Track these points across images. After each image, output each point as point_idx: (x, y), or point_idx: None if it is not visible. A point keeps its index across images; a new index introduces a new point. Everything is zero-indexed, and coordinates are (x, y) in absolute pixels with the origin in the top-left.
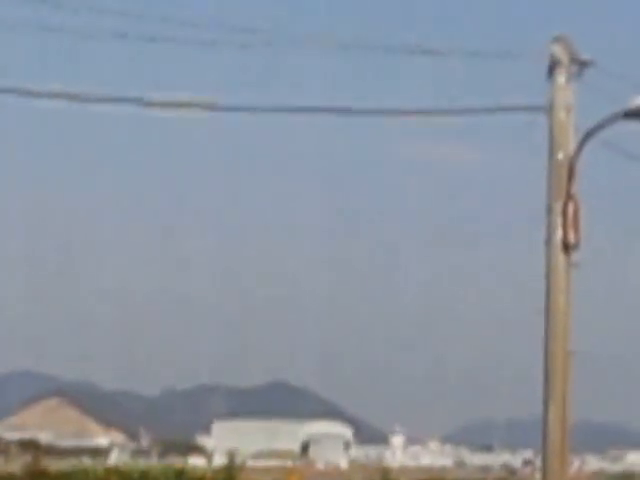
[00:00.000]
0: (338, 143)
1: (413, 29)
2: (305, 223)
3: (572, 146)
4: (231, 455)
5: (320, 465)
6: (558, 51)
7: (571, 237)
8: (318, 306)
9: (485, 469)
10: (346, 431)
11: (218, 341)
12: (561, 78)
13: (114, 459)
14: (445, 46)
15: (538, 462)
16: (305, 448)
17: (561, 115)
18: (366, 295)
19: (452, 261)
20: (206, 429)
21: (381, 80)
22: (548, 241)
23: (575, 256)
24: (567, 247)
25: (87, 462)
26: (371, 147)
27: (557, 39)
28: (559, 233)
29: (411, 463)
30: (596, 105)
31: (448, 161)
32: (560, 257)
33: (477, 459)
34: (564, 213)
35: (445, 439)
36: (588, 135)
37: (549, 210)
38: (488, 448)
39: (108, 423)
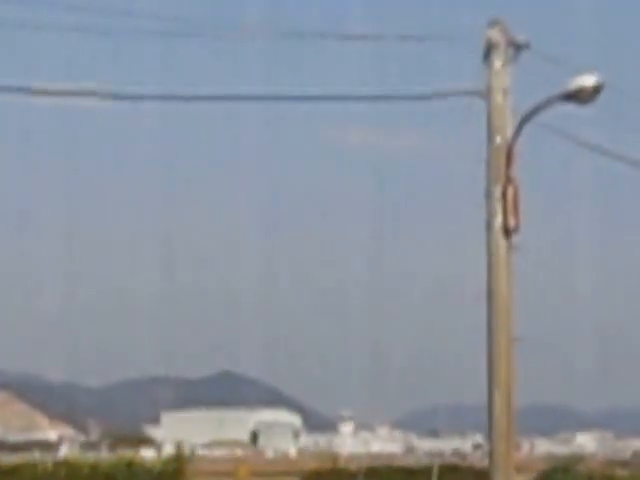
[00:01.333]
0: (276, 130)
1: (348, 15)
2: (240, 212)
3: (510, 129)
4: (179, 445)
5: (269, 453)
6: (494, 34)
7: (511, 221)
8: (260, 294)
9: (436, 455)
10: (295, 419)
11: (163, 333)
12: (497, 62)
13: (63, 453)
14: (381, 31)
15: (487, 446)
16: (254, 437)
17: (498, 98)
18: (308, 281)
19: (394, 247)
20: (155, 420)
21: (316, 67)
22: (488, 225)
23: (515, 239)
24: (507, 231)
25: (37, 456)
26: (306, 134)
27: (493, 22)
28: (499, 217)
29: (361, 450)
30: (532, 88)
31: (386, 146)
32: (500, 241)
33: (426, 445)
34: (503, 197)
35: (394, 425)
36: (525, 118)
37: (488, 194)
38: (435, 433)
39: (56, 416)
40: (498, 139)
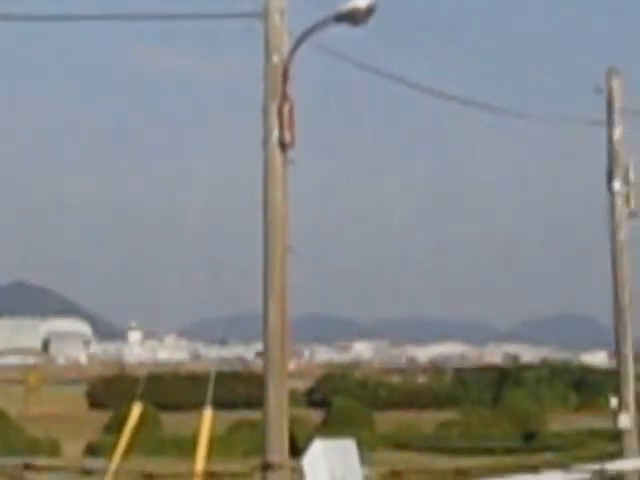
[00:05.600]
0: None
1: None
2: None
3: (286, 50)
4: None
5: (60, 361)
6: None
7: (287, 136)
8: (57, 207)
9: (221, 362)
10: (85, 328)
11: None
12: None
13: None
14: None
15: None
16: (46, 345)
17: (275, 20)
18: (96, 195)
19: (178, 161)
20: None
21: None
22: (265, 140)
23: (291, 154)
24: (283, 145)
25: None
26: (91, 53)
27: None
28: (275, 132)
29: (149, 358)
30: (308, 10)
31: (165, 65)
32: (277, 155)
33: (212, 352)
34: (280, 113)
35: (180, 334)
36: (301, 39)
37: (265, 111)
38: (223, 342)
39: None
40: (275, 58)
